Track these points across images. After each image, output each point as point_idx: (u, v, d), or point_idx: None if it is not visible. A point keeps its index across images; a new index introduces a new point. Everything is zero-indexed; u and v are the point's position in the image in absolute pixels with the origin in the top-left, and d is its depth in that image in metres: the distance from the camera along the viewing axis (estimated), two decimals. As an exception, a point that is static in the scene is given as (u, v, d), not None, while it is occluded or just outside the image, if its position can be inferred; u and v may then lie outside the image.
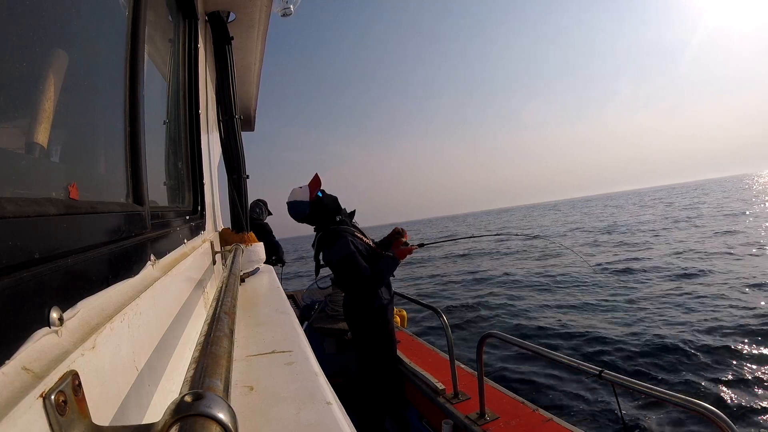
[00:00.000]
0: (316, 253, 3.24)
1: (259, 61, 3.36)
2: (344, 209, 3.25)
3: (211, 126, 2.46)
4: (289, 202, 3.14)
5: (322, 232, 3.15)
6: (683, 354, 5.36)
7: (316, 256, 3.26)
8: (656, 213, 31.19)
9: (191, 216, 1.56)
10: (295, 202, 3.11)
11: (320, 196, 3.11)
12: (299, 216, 3.14)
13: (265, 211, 5.83)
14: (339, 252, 2.98)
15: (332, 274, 3.41)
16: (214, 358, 0.46)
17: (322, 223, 3.15)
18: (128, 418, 0.50)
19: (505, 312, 8.66)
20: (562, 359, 2.03)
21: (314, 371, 0.80)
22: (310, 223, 3.19)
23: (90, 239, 0.50)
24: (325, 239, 3.12)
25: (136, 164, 0.78)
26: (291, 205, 3.13)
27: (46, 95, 0.53)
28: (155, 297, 0.69)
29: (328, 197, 3.14)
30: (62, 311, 0.39)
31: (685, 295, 7.90)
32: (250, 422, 0.62)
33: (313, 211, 3.10)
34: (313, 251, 3.26)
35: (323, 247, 3.14)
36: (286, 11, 3.28)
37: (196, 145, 1.74)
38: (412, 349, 3.80)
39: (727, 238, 14.23)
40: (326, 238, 3.11)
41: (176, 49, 1.66)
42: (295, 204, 3.10)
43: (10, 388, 0.29)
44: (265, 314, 1.35)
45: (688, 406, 1.47)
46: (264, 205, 5.85)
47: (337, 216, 3.15)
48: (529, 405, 2.69)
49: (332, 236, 3.07)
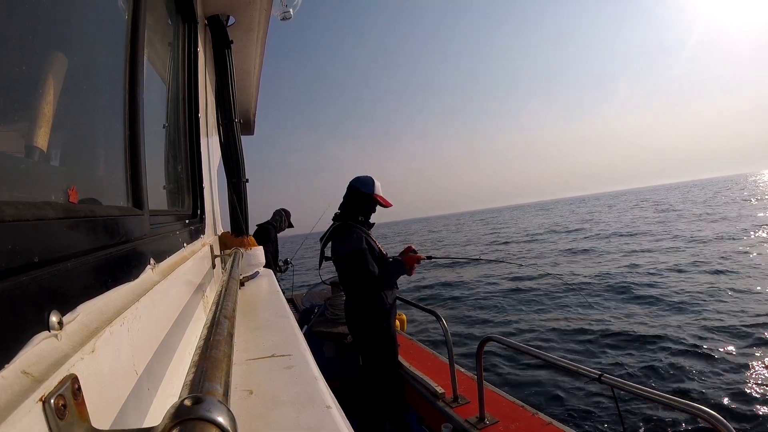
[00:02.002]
0: (324, 243, 3.29)
1: (258, 64, 3.37)
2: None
3: (210, 130, 2.46)
4: (363, 176, 3.26)
5: (339, 224, 3.19)
6: (680, 357, 5.36)
7: (324, 247, 3.31)
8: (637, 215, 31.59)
9: (191, 220, 1.56)
10: (367, 179, 3.22)
11: (374, 196, 3.19)
12: (353, 189, 3.22)
13: (286, 221, 5.75)
14: (351, 245, 3.02)
15: (335, 273, 3.42)
16: (213, 362, 0.46)
17: (351, 213, 3.20)
18: (128, 422, 0.50)
19: (504, 316, 8.67)
20: (562, 363, 2.03)
21: (314, 375, 0.80)
22: (346, 202, 3.26)
23: (89, 243, 0.50)
24: (339, 230, 3.16)
25: (135, 168, 0.78)
26: (363, 180, 3.22)
27: (45, 99, 0.54)
28: (155, 301, 0.69)
29: (375, 203, 3.22)
30: (62, 315, 0.39)
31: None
32: (249, 426, 0.62)
33: (362, 199, 3.19)
34: (321, 243, 3.31)
35: (335, 237, 3.18)
36: (285, 15, 3.29)
37: (196, 149, 1.74)
38: (411, 352, 3.79)
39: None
40: (341, 230, 3.15)
41: (176, 53, 1.66)
42: (366, 182, 3.20)
43: (9, 391, 0.29)
44: (264, 318, 1.35)
45: (689, 410, 1.46)
46: (286, 216, 5.77)
47: (362, 217, 3.21)
48: (528, 409, 2.69)
49: (348, 229, 3.11)
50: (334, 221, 3.29)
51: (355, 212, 3.20)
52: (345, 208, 3.25)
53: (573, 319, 7.62)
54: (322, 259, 3.42)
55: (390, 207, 3.27)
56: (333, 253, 3.25)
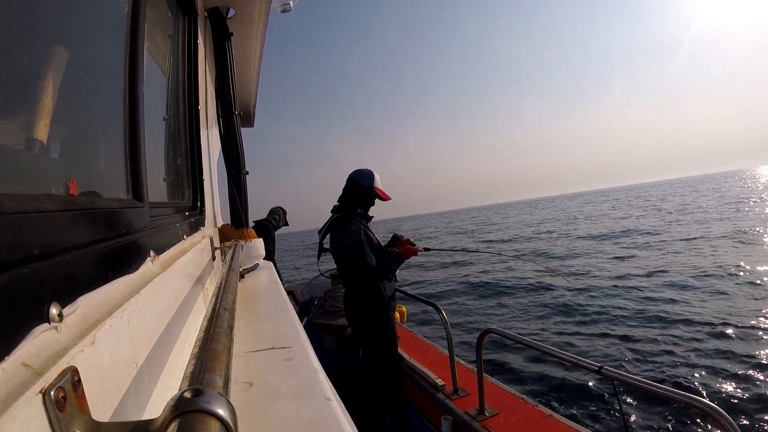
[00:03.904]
0: (323, 235, 3.31)
1: (258, 57, 3.35)
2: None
3: (210, 122, 2.46)
4: (363, 169, 3.26)
5: (338, 216, 3.20)
6: (681, 348, 5.37)
7: (322, 239, 3.33)
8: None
9: (191, 212, 1.56)
10: (367, 172, 3.23)
11: (374, 189, 3.19)
12: (353, 181, 3.22)
13: (282, 220, 5.74)
14: (350, 236, 3.03)
15: (335, 265, 3.43)
16: (213, 354, 0.46)
17: (350, 205, 3.21)
18: (128, 414, 0.50)
19: (504, 308, 8.69)
20: (562, 355, 2.03)
21: (314, 367, 0.80)
22: (345, 195, 3.26)
23: (89, 235, 0.50)
24: (338, 222, 3.17)
25: (135, 160, 0.78)
26: (362, 173, 3.23)
27: (45, 91, 0.53)
28: (155, 293, 0.69)
29: (374, 196, 3.23)
30: (62, 307, 0.39)
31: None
32: (249, 418, 0.62)
33: (361, 191, 3.20)
34: (320, 235, 3.33)
35: (334, 229, 3.20)
36: (285, 7, 3.27)
37: (196, 141, 1.73)
38: (411, 345, 3.81)
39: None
40: (340, 222, 3.16)
41: (176, 46, 1.65)
42: (366, 175, 3.21)
43: (9, 384, 0.29)
44: (264, 310, 1.35)
45: (689, 402, 1.47)
46: (283, 214, 5.76)
47: (361, 209, 3.22)
48: (528, 401, 2.70)
49: (346, 221, 3.13)
50: (333, 213, 3.30)
51: (354, 204, 3.20)
52: (344, 200, 3.26)
53: (572, 313, 7.64)
54: (321, 252, 3.43)
55: (389, 200, 3.27)
56: (331, 245, 3.27)
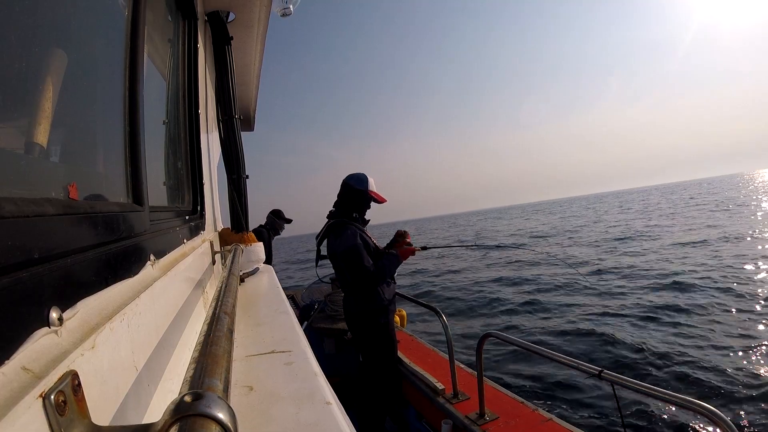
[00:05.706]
0: (320, 241, 3.30)
1: (258, 60, 3.37)
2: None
3: (210, 126, 2.46)
4: (358, 173, 3.26)
5: (334, 221, 3.20)
6: (680, 353, 5.36)
7: (319, 245, 3.32)
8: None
9: (191, 216, 1.56)
10: (361, 176, 3.22)
11: (369, 192, 3.19)
12: (347, 186, 3.22)
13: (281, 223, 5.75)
14: (346, 242, 3.03)
15: (333, 269, 3.43)
16: (213, 358, 0.46)
17: (346, 210, 3.20)
18: (128, 418, 0.50)
19: (506, 312, 8.68)
20: (562, 359, 2.03)
21: (314, 371, 0.80)
22: (340, 199, 3.25)
23: (89, 239, 0.50)
24: (334, 228, 3.17)
25: (135, 164, 0.78)
26: (356, 177, 3.22)
27: (45, 95, 0.53)
28: (155, 297, 0.69)
29: (369, 199, 3.23)
30: (62, 311, 0.39)
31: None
32: (249, 422, 0.62)
33: (356, 195, 3.19)
34: (317, 241, 3.32)
35: (330, 235, 3.20)
36: (285, 11, 3.27)
37: (196, 145, 1.74)
38: (411, 348, 3.80)
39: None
40: (336, 227, 3.16)
41: (176, 49, 1.66)
42: (360, 179, 3.20)
43: (9, 387, 0.29)
44: (264, 314, 1.35)
45: (689, 406, 1.46)
46: (277, 216, 5.76)
47: (357, 213, 3.22)
48: (528, 405, 2.69)
49: (343, 226, 3.12)
50: (329, 219, 3.29)
51: (349, 209, 3.20)
52: (339, 205, 3.25)
53: (574, 314, 7.63)
54: (319, 258, 3.42)
55: (384, 203, 3.27)
56: (329, 251, 3.26)
